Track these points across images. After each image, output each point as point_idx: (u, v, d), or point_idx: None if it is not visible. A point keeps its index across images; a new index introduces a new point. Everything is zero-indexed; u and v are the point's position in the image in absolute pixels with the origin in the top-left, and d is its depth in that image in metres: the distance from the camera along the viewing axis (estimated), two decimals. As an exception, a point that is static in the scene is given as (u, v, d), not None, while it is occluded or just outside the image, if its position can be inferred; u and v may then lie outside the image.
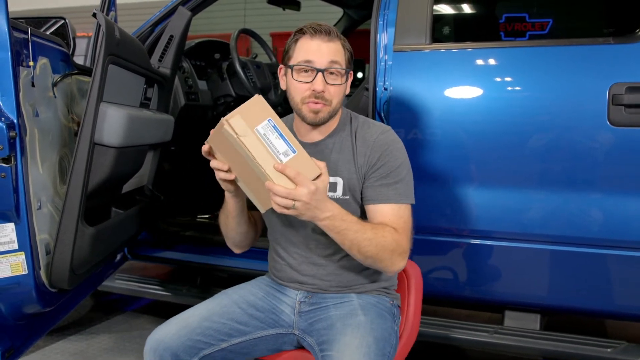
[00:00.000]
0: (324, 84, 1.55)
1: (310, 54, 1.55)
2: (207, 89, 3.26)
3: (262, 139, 1.37)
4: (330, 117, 1.60)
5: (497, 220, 2.12)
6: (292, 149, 1.39)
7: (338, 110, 1.63)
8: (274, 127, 1.38)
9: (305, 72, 1.56)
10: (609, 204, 1.98)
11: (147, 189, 2.58)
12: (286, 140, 1.39)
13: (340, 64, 1.57)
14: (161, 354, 1.52)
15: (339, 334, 1.51)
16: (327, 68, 1.55)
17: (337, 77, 1.57)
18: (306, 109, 1.58)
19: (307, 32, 1.57)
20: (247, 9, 8.82)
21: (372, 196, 1.59)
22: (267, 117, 1.38)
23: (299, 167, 1.38)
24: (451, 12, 2.61)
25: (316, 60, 1.55)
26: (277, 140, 1.38)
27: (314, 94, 1.55)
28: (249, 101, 1.40)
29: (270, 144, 1.38)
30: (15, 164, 1.71)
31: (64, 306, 2.16)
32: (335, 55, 1.56)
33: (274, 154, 1.38)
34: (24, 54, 1.78)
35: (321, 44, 1.56)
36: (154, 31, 2.65)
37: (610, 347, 2.08)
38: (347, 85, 1.64)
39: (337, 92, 1.58)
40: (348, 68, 1.60)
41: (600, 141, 1.96)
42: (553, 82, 2.03)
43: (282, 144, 1.38)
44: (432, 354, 2.76)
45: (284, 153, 1.38)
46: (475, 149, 2.10)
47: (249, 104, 1.39)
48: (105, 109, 1.85)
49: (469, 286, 2.25)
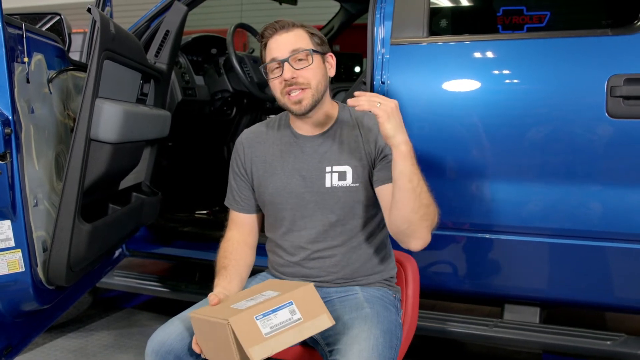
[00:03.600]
0: (292, 71, 1.59)
1: (273, 52, 1.61)
2: (204, 84, 3.25)
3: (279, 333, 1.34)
4: (315, 101, 1.61)
5: (496, 214, 2.12)
6: (288, 306, 1.38)
7: (323, 92, 1.64)
8: (266, 315, 1.35)
9: (276, 69, 1.61)
10: (608, 196, 1.98)
11: (144, 185, 2.57)
12: (280, 308, 1.36)
13: (302, 48, 1.60)
14: (164, 356, 1.50)
15: (345, 327, 1.50)
16: (290, 56, 1.59)
17: (304, 59, 1.60)
18: (289, 102, 1.61)
19: (267, 35, 1.64)
20: (244, 3, 8.81)
21: (384, 176, 1.60)
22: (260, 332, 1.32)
23: (306, 304, 1.39)
24: (448, 4, 2.60)
25: (278, 54, 1.60)
26: (277, 317, 1.36)
27: (287, 82, 1.59)
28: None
29: (281, 327, 1.35)
30: (11, 161, 1.70)
31: (62, 303, 2.15)
32: (295, 43, 1.60)
33: (291, 325, 1.36)
34: (19, 49, 1.77)
35: (279, 38, 1.61)
36: (150, 26, 2.64)
37: (610, 339, 2.08)
38: (331, 66, 1.68)
39: (311, 73, 1.60)
40: (320, 50, 1.63)
41: (599, 133, 1.95)
42: (551, 74, 2.03)
43: (284, 314, 1.37)
44: (431, 348, 2.76)
45: (291, 312, 1.37)
46: (473, 142, 2.09)
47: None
48: (101, 104, 1.84)
49: (469, 280, 2.25)
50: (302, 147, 1.68)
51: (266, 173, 1.71)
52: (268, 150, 1.72)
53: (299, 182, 1.66)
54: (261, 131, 1.77)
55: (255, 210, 1.79)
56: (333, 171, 1.64)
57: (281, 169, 1.69)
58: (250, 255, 1.76)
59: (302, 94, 1.59)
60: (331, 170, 1.64)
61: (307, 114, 1.63)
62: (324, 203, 1.64)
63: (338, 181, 1.63)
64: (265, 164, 1.71)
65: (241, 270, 1.70)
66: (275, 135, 1.73)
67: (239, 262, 1.70)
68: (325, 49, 1.66)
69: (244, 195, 1.77)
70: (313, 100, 1.61)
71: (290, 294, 1.40)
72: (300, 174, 1.66)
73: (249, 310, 1.34)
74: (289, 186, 1.67)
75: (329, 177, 1.64)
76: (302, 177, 1.66)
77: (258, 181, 1.72)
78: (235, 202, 1.79)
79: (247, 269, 1.74)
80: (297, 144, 1.69)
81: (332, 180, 1.64)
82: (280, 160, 1.69)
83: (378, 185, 1.62)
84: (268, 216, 1.75)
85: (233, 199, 1.79)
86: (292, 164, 1.68)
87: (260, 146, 1.74)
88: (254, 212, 1.79)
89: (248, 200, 1.77)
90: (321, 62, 1.64)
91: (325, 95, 1.66)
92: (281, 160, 1.69)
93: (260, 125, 1.80)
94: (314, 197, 1.65)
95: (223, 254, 1.71)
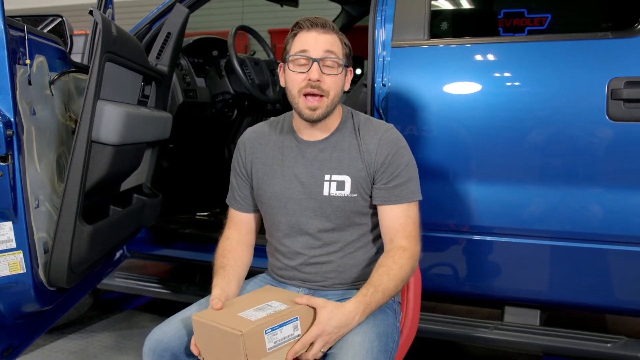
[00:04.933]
0: (320, 73, 1.55)
1: (305, 45, 1.56)
2: (205, 86, 3.25)
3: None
4: (327, 113, 1.59)
5: (496, 216, 2.12)
6: (293, 322, 1.40)
7: (336, 105, 1.62)
8: (274, 329, 1.37)
9: (301, 64, 1.57)
10: (609, 199, 1.98)
11: (145, 186, 2.58)
12: (286, 323, 1.39)
13: (336, 54, 1.57)
14: (160, 354, 1.50)
15: None
16: (322, 57, 1.56)
17: (334, 67, 1.57)
18: (303, 104, 1.58)
19: (304, 26, 1.58)
20: (245, 5, 8.81)
21: (384, 197, 1.61)
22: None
23: (307, 321, 1.42)
24: (449, 7, 2.60)
25: (312, 50, 1.55)
26: (282, 332, 1.38)
27: (310, 83, 1.55)
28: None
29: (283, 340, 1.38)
30: (13, 163, 1.71)
31: (63, 304, 2.16)
32: (331, 46, 1.57)
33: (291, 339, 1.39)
34: (21, 52, 1.77)
35: (317, 36, 1.57)
36: (151, 29, 2.65)
37: (610, 342, 2.08)
38: (347, 81, 1.64)
39: (334, 83, 1.57)
40: (346, 62, 1.61)
41: (599, 136, 1.95)
42: (552, 77, 2.03)
43: (288, 329, 1.39)
44: (432, 350, 2.76)
45: (294, 328, 1.40)
46: (474, 145, 2.10)
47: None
48: (103, 106, 1.84)
49: (469, 282, 2.25)
50: (303, 153, 1.67)
51: (266, 176, 1.70)
52: (269, 152, 1.71)
53: (297, 188, 1.65)
54: (264, 132, 1.76)
55: (254, 210, 1.78)
56: (332, 180, 1.63)
57: (281, 173, 1.68)
58: (248, 254, 1.76)
59: (319, 102, 1.57)
60: (330, 179, 1.63)
61: (315, 122, 1.62)
62: (321, 210, 1.63)
63: (336, 190, 1.61)
64: (265, 166, 1.71)
65: (239, 270, 1.70)
66: (277, 138, 1.72)
67: (237, 263, 1.70)
68: (349, 63, 1.64)
69: (243, 194, 1.77)
70: (327, 111, 1.59)
71: (298, 310, 1.41)
72: (300, 180, 1.65)
73: (260, 324, 1.35)
74: (288, 191, 1.66)
75: (327, 185, 1.63)
76: (301, 183, 1.65)
77: (257, 183, 1.72)
78: (235, 201, 1.79)
79: (245, 269, 1.74)
80: (299, 148, 1.67)
81: (330, 189, 1.62)
82: (281, 164, 1.68)
83: (377, 202, 1.62)
84: (266, 219, 1.75)
85: (233, 197, 1.79)
86: (292, 168, 1.67)
87: (262, 147, 1.73)
88: (253, 211, 1.78)
89: (247, 200, 1.77)
90: (344, 76, 1.62)
91: (337, 107, 1.64)
92: (281, 164, 1.68)
93: (264, 125, 1.78)
94: (312, 203, 1.64)
95: (221, 252, 1.71)
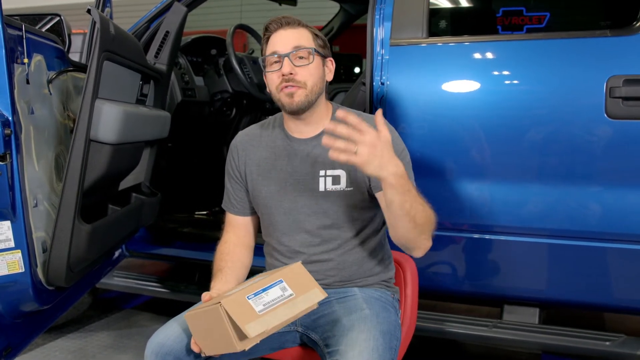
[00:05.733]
0: (291, 67, 1.58)
1: (275, 46, 1.61)
2: (204, 85, 3.25)
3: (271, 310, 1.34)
4: (308, 102, 1.60)
5: (495, 214, 2.12)
6: (279, 284, 1.38)
7: (318, 94, 1.62)
8: (257, 294, 1.35)
9: (275, 63, 1.61)
10: (607, 197, 1.98)
11: (144, 185, 2.57)
12: (270, 286, 1.37)
13: (305, 46, 1.60)
14: (163, 357, 1.50)
15: (344, 329, 1.50)
16: (291, 52, 1.58)
17: (305, 58, 1.60)
18: (282, 96, 1.60)
19: (272, 29, 1.63)
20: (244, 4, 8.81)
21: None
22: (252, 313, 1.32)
23: (297, 281, 1.40)
24: (448, 5, 2.60)
25: (280, 48, 1.59)
26: (268, 295, 1.36)
27: (284, 77, 1.58)
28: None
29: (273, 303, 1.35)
30: (11, 162, 1.70)
31: (62, 304, 2.15)
32: (298, 40, 1.60)
33: (283, 300, 1.37)
34: (19, 50, 1.77)
35: (284, 33, 1.61)
36: (149, 27, 2.64)
37: (609, 340, 2.08)
38: (329, 71, 1.67)
39: (308, 73, 1.59)
40: (323, 52, 1.63)
41: (598, 134, 1.95)
42: (550, 75, 2.03)
43: (275, 291, 1.37)
44: (431, 348, 2.76)
45: (282, 289, 1.38)
46: (472, 143, 2.09)
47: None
48: (101, 105, 1.84)
49: (468, 280, 2.25)
50: (295, 151, 1.67)
51: (260, 177, 1.70)
52: (262, 154, 1.71)
53: (292, 186, 1.66)
54: (255, 134, 1.76)
55: (251, 213, 1.79)
56: (327, 175, 1.63)
57: (275, 173, 1.68)
58: (248, 255, 1.76)
59: (295, 89, 1.58)
60: (325, 174, 1.63)
61: (298, 113, 1.62)
62: (318, 207, 1.63)
63: (332, 185, 1.62)
64: (258, 167, 1.71)
65: (238, 271, 1.70)
66: (269, 138, 1.72)
67: (235, 264, 1.70)
68: (326, 52, 1.66)
69: (239, 197, 1.77)
70: (306, 100, 1.59)
71: (279, 273, 1.41)
72: (294, 178, 1.65)
73: (240, 292, 1.34)
74: (283, 190, 1.66)
75: (322, 180, 1.63)
76: (295, 181, 1.65)
77: (252, 184, 1.72)
78: (232, 205, 1.79)
79: (245, 270, 1.74)
80: (291, 147, 1.68)
81: (326, 184, 1.63)
82: (274, 164, 1.69)
83: (377, 191, 1.60)
84: (263, 220, 1.75)
85: (229, 201, 1.79)
86: (285, 167, 1.67)
87: (254, 149, 1.73)
88: (250, 214, 1.79)
89: (244, 203, 1.77)
90: (320, 65, 1.63)
91: (320, 98, 1.64)
92: (275, 164, 1.68)
93: (255, 128, 1.79)
94: (308, 200, 1.64)
95: (219, 256, 1.72)
